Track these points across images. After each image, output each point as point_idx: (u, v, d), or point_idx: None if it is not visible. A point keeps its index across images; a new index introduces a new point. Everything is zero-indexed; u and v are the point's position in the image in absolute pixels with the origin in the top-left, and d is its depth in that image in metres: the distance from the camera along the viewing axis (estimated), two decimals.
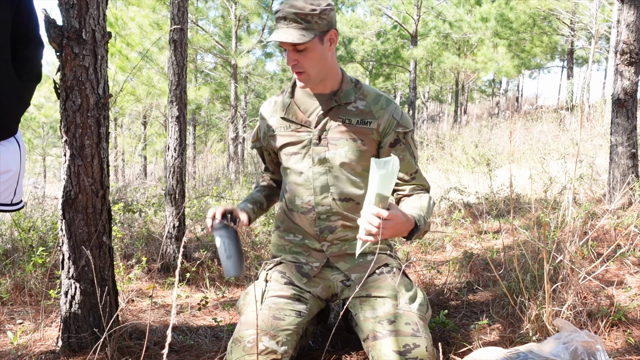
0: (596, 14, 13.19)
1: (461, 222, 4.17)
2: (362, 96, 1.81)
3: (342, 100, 1.78)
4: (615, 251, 2.65)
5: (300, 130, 1.82)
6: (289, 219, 1.91)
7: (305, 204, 1.83)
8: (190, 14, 11.07)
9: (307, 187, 1.82)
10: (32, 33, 1.73)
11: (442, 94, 28.00)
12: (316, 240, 1.85)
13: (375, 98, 1.82)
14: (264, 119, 1.93)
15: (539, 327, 1.89)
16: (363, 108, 1.79)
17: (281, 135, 1.86)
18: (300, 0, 1.62)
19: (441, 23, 15.54)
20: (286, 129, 1.84)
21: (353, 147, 1.78)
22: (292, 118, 1.83)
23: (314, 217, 1.82)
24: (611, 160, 3.92)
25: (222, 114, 15.79)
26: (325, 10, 1.63)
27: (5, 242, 3.73)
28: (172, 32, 3.17)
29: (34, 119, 18.49)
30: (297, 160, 1.83)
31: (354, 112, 1.79)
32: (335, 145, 1.78)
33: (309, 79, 1.71)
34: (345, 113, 1.79)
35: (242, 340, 1.53)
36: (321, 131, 1.79)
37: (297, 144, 1.82)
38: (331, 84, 1.78)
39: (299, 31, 1.61)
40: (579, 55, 23.79)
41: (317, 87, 1.78)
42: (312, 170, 1.80)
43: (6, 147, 1.68)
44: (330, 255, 1.85)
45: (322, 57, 1.69)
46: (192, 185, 7.17)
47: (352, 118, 1.78)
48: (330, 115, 1.79)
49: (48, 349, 2.03)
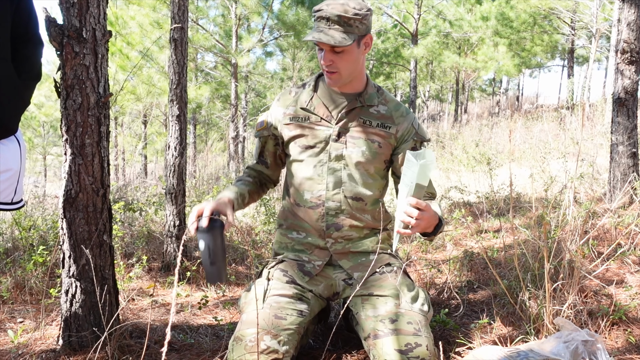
0: (597, 13, 13.18)
1: (462, 221, 4.17)
2: (384, 101, 1.86)
3: (367, 102, 1.82)
4: (615, 250, 2.65)
5: (319, 124, 1.83)
6: (293, 216, 1.91)
7: (316, 199, 1.83)
8: (191, 12, 11.08)
9: (319, 181, 1.82)
10: (32, 32, 1.73)
11: (442, 93, 28.01)
12: (320, 237, 1.85)
13: (397, 105, 1.87)
14: (281, 107, 1.91)
15: (540, 326, 1.89)
16: (384, 112, 1.84)
17: (297, 125, 1.85)
18: (344, 3, 1.63)
19: (442, 22, 15.55)
20: (304, 120, 1.84)
21: (370, 148, 1.81)
22: (314, 111, 1.84)
23: (322, 212, 1.83)
24: (612, 159, 3.92)
25: (222, 113, 15.79)
26: (366, 15, 1.66)
27: (6, 240, 3.73)
28: (172, 31, 3.17)
29: (34, 118, 18.50)
30: (311, 154, 1.83)
31: (376, 115, 1.83)
32: (353, 144, 1.81)
33: (340, 79, 1.74)
34: (367, 115, 1.82)
35: (244, 339, 1.52)
36: (341, 128, 1.81)
37: (315, 137, 1.83)
38: (357, 85, 1.82)
39: (340, 34, 1.63)
40: (579, 54, 23.79)
41: (344, 87, 1.81)
42: (328, 166, 1.81)
43: (6, 146, 1.68)
44: (333, 252, 1.85)
45: (356, 59, 1.72)
46: (193, 184, 7.16)
47: (373, 120, 1.82)
48: (353, 114, 1.82)
49: (49, 347, 2.03)
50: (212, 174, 9.22)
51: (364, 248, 1.87)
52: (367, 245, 1.87)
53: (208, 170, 9.77)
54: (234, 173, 9.57)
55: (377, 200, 1.88)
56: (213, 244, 1.60)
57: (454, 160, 7.63)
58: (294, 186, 1.89)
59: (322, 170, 1.82)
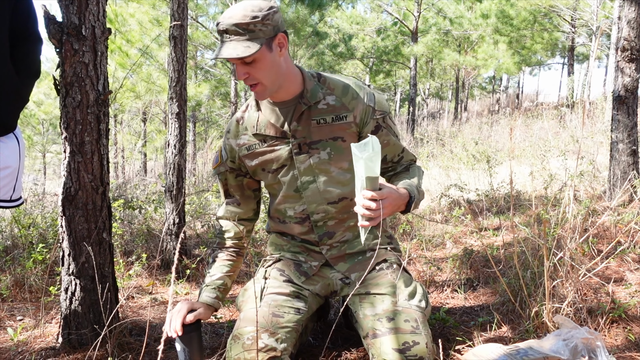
0: (597, 11, 13.17)
1: (461, 219, 4.17)
2: (329, 90, 1.72)
3: (311, 101, 1.69)
4: (615, 248, 2.65)
5: (276, 144, 1.73)
6: (283, 229, 1.89)
7: (299, 214, 1.80)
8: (190, 10, 11.06)
9: (297, 198, 1.78)
10: (30, 29, 1.72)
11: (442, 91, 28.00)
12: (314, 245, 1.85)
13: (344, 89, 1.73)
14: (232, 139, 1.80)
15: (539, 324, 1.89)
16: (334, 103, 1.71)
17: (257, 152, 1.76)
18: (239, 9, 1.50)
19: (442, 20, 15.54)
20: (261, 144, 1.74)
21: (334, 146, 1.72)
22: (266, 132, 1.73)
23: (309, 225, 1.81)
24: (612, 157, 3.91)
25: (222, 111, 15.77)
26: (267, 15, 1.51)
27: (5, 238, 3.73)
28: (172, 29, 3.16)
29: (33, 116, 18.48)
30: (282, 174, 1.76)
31: (326, 109, 1.70)
32: (317, 149, 1.72)
33: (265, 90, 1.60)
34: (317, 113, 1.70)
35: (241, 337, 1.52)
36: (300, 139, 1.71)
37: (278, 159, 1.74)
38: (293, 88, 1.68)
39: (242, 43, 1.49)
40: (579, 52, 23.76)
41: (279, 95, 1.68)
42: (300, 181, 1.75)
43: (5, 143, 1.67)
44: (329, 258, 1.84)
45: (274, 64, 1.57)
46: (192, 182, 7.16)
47: (326, 116, 1.70)
48: (304, 119, 1.70)
49: (48, 345, 2.03)
50: (212, 172, 9.21)
51: (360, 248, 1.84)
52: (362, 244, 1.85)
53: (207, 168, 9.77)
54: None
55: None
56: (189, 345, 1.61)
57: (453, 158, 7.62)
58: (275, 205, 1.85)
59: (297, 186, 1.76)
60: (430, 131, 12.11)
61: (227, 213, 1.89)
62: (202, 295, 1.76)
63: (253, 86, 1.59)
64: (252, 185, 1.88)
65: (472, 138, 9.09)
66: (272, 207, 1.87)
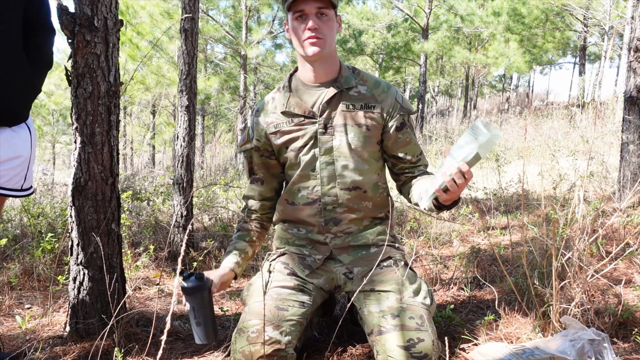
0: (610, 10, 13.06)
1: (469, 217, 4.16)
2: (362, 81, 1.81)
3: (344, 86, 1.76)
4: (624, 250, 2.63)
5: (304, 123, 1.78)
6: (290, 215, 1.89)
7: (311, 195, 1.81)
8: (201, 3, 11.07)
9: (314, 177, 1.80)
10: (43, 20, 1.73)
11: (452, 89, 27.88)
12: (319, 233, 1.84)
13: (376, 83, 1.82)
14: (261, 117, 1.86)
15: (546, 324, 1.88)
16: (365, 92, 1.79)
17: (284, 131, 1.80)
18: None
19: (453, 17, 15.43)
20: (289, 123, 1.79)
21: (358, 133, 1.77)
22: (294, 111, 1.78)
23: (319, 207, 1.81)
24: (622, 158, 3.89)
25: (231, 105, 15.80)
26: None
27: (15, 227, 3.76)
28: (183, 22, 3.17)
29: (44, 106, 18.60)
30: (304, 153, 1.79)
31: (357, 96, 1.78)
32: (341, 133, 1.77)
33: (324, 45, 1.69)
34: (348, 98, 1.77)
35: (246, 331, 1.53)
36: (327, 119, 1.76)
37: (303, 137, 1.78)
38: (332, 69, 1.77)
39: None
40: (591, 51, 23.59)
41: (317, 75, 1.76)
42: (320, 161, 1.78)
43: (17, 132, 1.69)
44: (333, 247, 1.84)
45: (334, 31, 1.72)
46: (200, 175, 7.18)
47: (356, 103, 1.77)
48: (334, 102, 1.77)
49: (56, 334, 2.05)
50: (220, 165, 9.24)
51: (364, 241, 1.85)
52: (367, 238, 1.85)
53: (216, 161, 9.79)
54: (242, 165, 9.57)
55: (376, 184, 1.84)
56: (199, 304, 1.60)
57: None
58: (289, 186, 1.87)
59: (316, 166, 1.79)
60: (439, 129, 12.07)
61: (251, 192, 1.95)
62: (225, 260, 1.82)
63: (317, 39, 1.67)
64: (276, 167, 1.92)
65: None
66: (285, 191, 1.89)
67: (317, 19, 1.66)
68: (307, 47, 1.68)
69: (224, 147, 13.92)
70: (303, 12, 1.66)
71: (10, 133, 1.66)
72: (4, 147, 1.64)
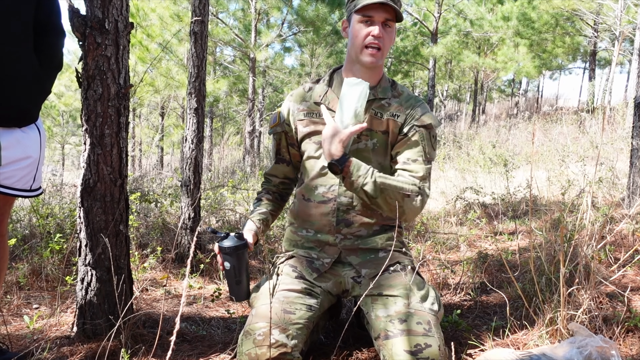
0: (620, 15, 12.98)
1: (476, 222, 4.14)
2: (397, 94, 1.85)
3: (379, 95, 1.81)
4: (632, 256, 2.61)
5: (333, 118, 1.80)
6: (303, 212, 1.89)
7: (328, 193, 1.82)
8: (211, 6, 11.12)
9: (332, 176, 1.80)
10: (54, 22, 1.75)
11: (460, 93, 27.79)
12: (329, 233, 1.84)
13: (407, 96, 1.85)
14: (295, 103, 1.89)
15: (553, 331, 1.87)
16: (396, 104, 1.82)
17: (311, 121, 1.84)
18: None
19: (462, 21, 15.41)
20: (318, 115, 1.83)
21: (382, 140, 1.80)
22: (328, 105, 1.82)
23: (333, 207, 1.82)
24: (632, 164, 3.86)
25: (239, 107, 15.84)
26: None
27: (24, 227, 3.79)
28: (192, 24, 3.18)
29: (54, 107, 18.74)
30: None
31: (387, 107, 1.81)
32: (366, 137, 1.80)
33: (381, 57, 1.74)
34: (379, 107, 1.81)
35: (253, 333, 1.53)
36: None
37: None
38: (376, 76, 1.82)
39: (398, 7, 1.69)
40: (601, 56, 23.43)
41: (362, 78, 1.76)
42: None
43: (27, 133, 1.70)
44: (342, 248, 1.84)
45: (393, 42, 1.78)
46: (208, 177, 7.21)
47: (385, 113, 1.80)
48: (366, 107, 1.79)
49: (63, 334, 2.06)
50: (228, 168, 9.26)
51: (373, 245, 1.85)
52: (377, 242, 1.85)
53: (224, 164, 9.83)
54: (250, 167, 9.60)
55: None
56: (238, 263, 1.65)
57: (470, 161, 7.57)
58: (306, 182, 1.88)
59: None
60: (448, 133, 12.04)
61: (275, 171, 2.01)
62: (247, 224, 1.86)
63: (376, 49, 1.71)
64: (296, 157, 1.96)
65: (489, 141, 9.02)
66: (304, 184, 1.90)
67: (384, 29, 1.70)
68: (365, 54, 1.73)
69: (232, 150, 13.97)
70: (371, 19, 1.69)
71: (20, 134, 1.67)
72: (14, 148, 1.65)
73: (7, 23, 1.58)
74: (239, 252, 1.66)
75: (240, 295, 1.71)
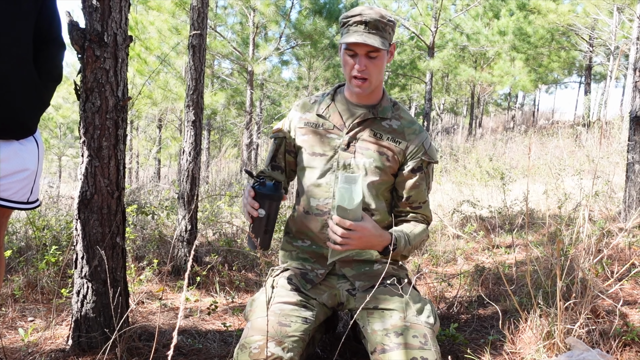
0: (615, 31, 13.11)
1: (473, 235, 4.15)
2: (398, 117, 1.86)
3: (380, 115, 1.82)
4: (629, 270, 2.61)
5: (331, 132, 1.84)
6: (300, 223, 1.90)
7: (322, 206, 1.82)
8: (209, 19, 11.18)
9: (326, 189, 1.82)
10: (54, 34, 1.75)
11: (457, 106, 27.92)
12: (325, 246, 1.85)
13: (410, 122, 1.86)
14: (299, 112, 1.93)
15: (551, 345, 1.87)
16: (396, 128, 1.84)
17: (310, 130, 1.87)
18: (378, 10, 1.69)
19: (458, 35, 15.53)
20: (318, 126, 1.86)
21: (378, 160, 1.80)
22: (328, 118, 1.85)
23: (326, 220, 1.82)
24: (627, 178, 3.87)
25: (237, 120, 15.86)
26: (395, 24, 1.73)
27: (20, 239, 3.77)
28: (191, 38, 3.20)
29: (51, 119, 18.75)
30: (320, 161, 1.83)
31: (387, 128, 1.83)
32: (361, 155, 1.80)
33: (370, 87, 1.75)
34: (378, 127, 1.82)
35: (249, 346, 1.53)
36: (351, 138, 1.81)
37: (323, 145, 1.84)
38: (375, 97, 1.84)
39: (378, 38, 1.66)
40: (596, 71, 23.62)
41: (362, 98, 1.82)
42: (335, 174, 1.81)
43: (25, 146, 1.70)
44: (337, 260, 1.84)
45: (383, 68, 1.76)
46: (205, 189, 7.20)
47: (384, 134, 1.82)
48: (364, 125, 1.82)
49: (58, 347, 2.05)
50: (225, 180, 9.25)
51: (368, 257, 1.85)
52: (371, 254, 1.85)
53: (221, 176, 9.82)
54: (247, 180, 9.59)
55: (386, 212, 1.87)
56: (273, 212, 1.65)
57: (467, 174, 7.59)
58: (303, 193, 1.89)
59: (330, 178, 1.81)
60: (444, 146, 12.07)
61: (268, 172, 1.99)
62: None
63: (363, 80, 1.73)
64: (291, 164, 1.99)
65: (486, 154, 9.05)
66: (302, 195, 1.91)
67: (366, 60, 1.70)
68: (353, 84, 1.76)
69: (229, 162, 13.96)
70: (354, 51, 1.71)
71: (18, 146, 1.67)
72: (12, 160, 1.65)
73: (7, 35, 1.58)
74: (277, 199, 1.65)
75: (266, 244, 1.69)
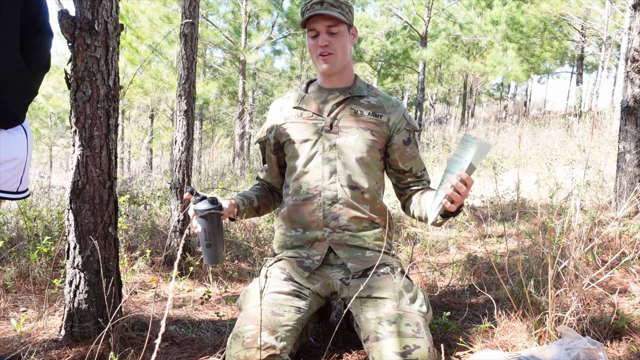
0: (607, 20, 13.14)
1: (465, 225, 4.17)
2: (374, 94, 1.95)
3: (356, 93, 1.90)
4: (620, 259, 2.64)
5: (312, 119, 1.89)
6: (291, 213, 1.91)
7: (312, 190, 1.86)
8: (201, 8, 11.10)
9: (315, 172, 1.86)
10: (41, 22, 1.73)
11: (450, 96, 27.96)
12: (318, 229, 1.86)
13: (387, 97, 1.96)
14: (275, 111, 2.01)
15: (542, 332, 1.88)
16: (375, 103, 1.92)
17: (293, 123, 1.92)
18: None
19: (451, 25, 15.52)
20: (298, 117, 1.92)
21: (363, 136, 1.85)
22: (305, 107, 1.91)
23: (319, 202, 1.85)
24: (618, 167, 3.90)
25: (229, 110, 15.81)
26: (352, 7, 1.85)
27: (11, 230, 3.75)
28: (182, 26, 3.18)
29: (42, 109, 18.58)
30: (306, 147, 1.88)
31: (366, 105, 1.90)
32: (346, 133, 1.86)
33: (336, 60, 1.83)
34: (357, 105, 1.90)
35: (242, 336, 1.53)
36: (333, 119, 1.87)
37: (308, 131, 1.88)
38: (347, 78, 1.92)
39: (337, 11, 1.77)
40: (588, 61, 23.69)
41: (333, 81, 1.91)
42: (322, 156, 1.86)
43: (13, 135, 1.69)
44: (330, 242, 1.86)
45: (347, 45, 1.85)
46: (198, 179, 7.18)
47: (364, 110, 1.89)
48: (343, 105, 1.89)
49: (51, 337, 2.04)
50: (218, 170, 9.23)
51: (360, 243, 1.87)
52: (364, 241, 1.87)
53: (213, 166, 9.79)
54: (239, 170, 9.57)
55: (376, 191, 1.90)
56: (210, 226, 1.66)
57: None
58: (291, 181, 1.92)
59: (318, 161, 1.87)
60: (437, 136, 12.09)
61: (262, 175, 2.14)
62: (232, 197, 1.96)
63: (328, 55, 1.82)
64: (281, 161, 2.06)
65: None
66: (290, 184, 1.94)
67: (327, 36, 1.80)
68: (320, 63, 1.84)
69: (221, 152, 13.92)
70: (315, 30, 1.80)
71: (6, 135, 1.66)
72: (0, 150, 1.64)
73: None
74: (212, 215, 1.66)
75: (211, 258, 1.70)
